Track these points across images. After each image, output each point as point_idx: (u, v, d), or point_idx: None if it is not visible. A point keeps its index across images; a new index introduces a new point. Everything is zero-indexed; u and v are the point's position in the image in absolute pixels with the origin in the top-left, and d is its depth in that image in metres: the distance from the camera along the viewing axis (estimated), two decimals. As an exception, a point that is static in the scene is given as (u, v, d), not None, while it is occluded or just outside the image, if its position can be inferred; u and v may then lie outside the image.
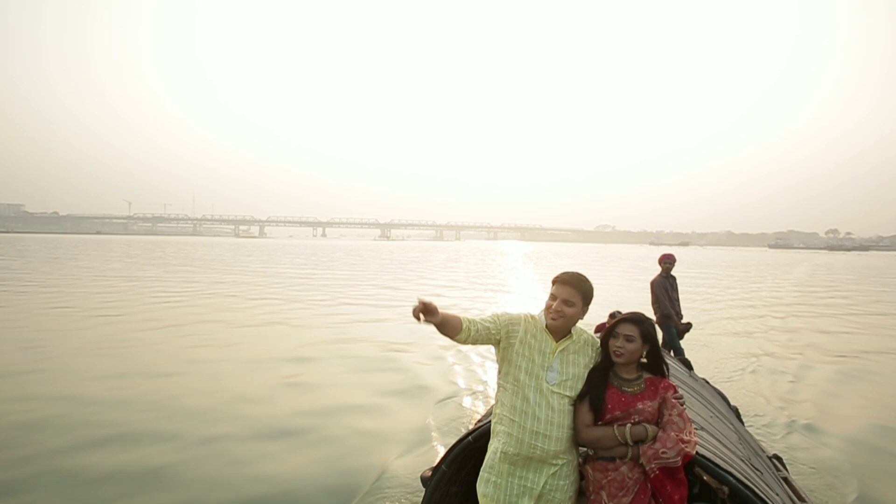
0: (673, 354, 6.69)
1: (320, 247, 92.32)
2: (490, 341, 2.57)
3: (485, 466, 2.62)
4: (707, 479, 2.85)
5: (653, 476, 2.39)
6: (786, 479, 3.93)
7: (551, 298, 2.56)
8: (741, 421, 5.35)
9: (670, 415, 2.46)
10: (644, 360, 2.62)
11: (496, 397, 2.69)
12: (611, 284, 25.63)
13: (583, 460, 2.64)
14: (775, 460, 4.38)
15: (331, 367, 9.10)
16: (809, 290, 26.46)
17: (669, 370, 2.70)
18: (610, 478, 2.47)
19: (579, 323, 2.66)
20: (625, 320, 2.59)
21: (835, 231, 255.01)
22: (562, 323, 2.55)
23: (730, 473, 2.51)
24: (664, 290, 7.33)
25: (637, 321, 2.58)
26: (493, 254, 74.57)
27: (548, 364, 2.53)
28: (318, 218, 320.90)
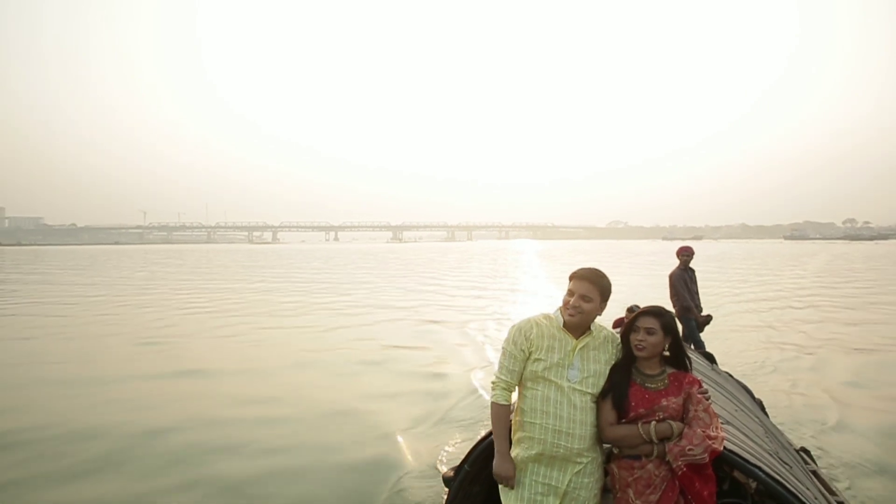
0: (693, 347, 6.60)
1: (339, 251, 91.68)
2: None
3: None
4: (736, 474, 2.80)
5: (680, 473, 2.35)
6: (815, 472, 3.86)
7: (568, 294, 2.52)
8: (766, 414, 5.27)
9: (696, 410, 2.42)
10: (666, 354, 2.57)
11: (516, 405, 2.64)
12: (626, 279, 25.45)
13: (607, 458, 2.60)
14: (803, 453, 4.31)
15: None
16: (828, 281, 26.06)
17: (692, 364, 2.65)
18: (636, 476, 2.44)
19: (598, 319, 2.61)
20: (644, 313, 2.54)
21: (852, 220, 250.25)
22: (580, 319, 2.51)
23: (759, 468, 2.47)
24: (683, 283, 7.25)
25: (657, 313, 2.54)
26: (507, 253, 74.33)
27: (568, 362, 2.50)
28: (330, 222, 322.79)
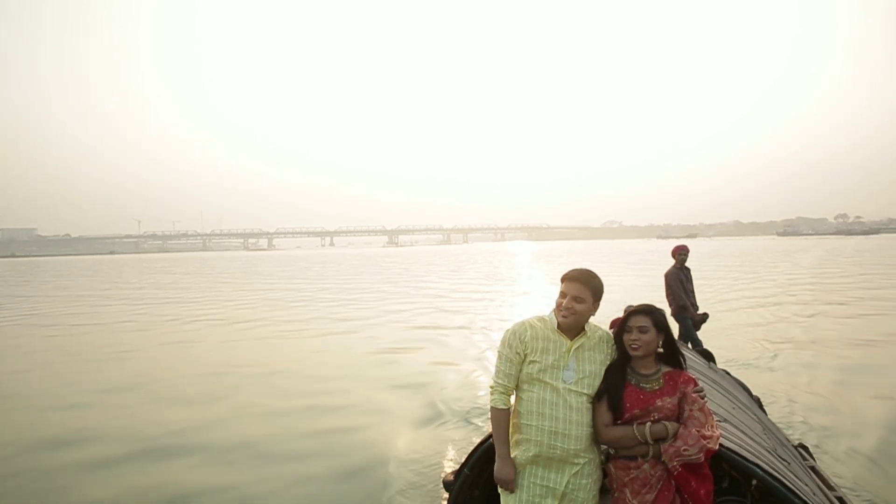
0: (690, 346, 6.62)
1: (341, 256, 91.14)
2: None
3: None
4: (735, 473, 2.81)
5: (676, 473, 2.36)
6: (813, 468, 3.87)
7: (561, 296, 2.53)
8: (764, 411, 5.29)
9: (691, 410, 2.42)
10: (660, 351, 2.58)
11: (513, 408, 2.64)
12: (621, 279, 25.51)
13: (605, 458, 2.61)
14: (801, 449, 4.32)
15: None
16: (821, 276, 26.19)
17: (687, 362, 2.66)
18: (632, 476, 2.45)
19: (593, 319, 2.62)
20: (635, 312, 2.55)
21: (844, 215, 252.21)
22: (573, 320, 2.51)
23: (757, 465, 2.48)
24: (679, 282, 7.27)
25: (647, 311, 2.55)
26: (515, 256, 74.25)
27: (563, 363, 2.50)
28: (326, 227, 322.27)
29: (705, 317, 7.41)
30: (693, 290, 7.47)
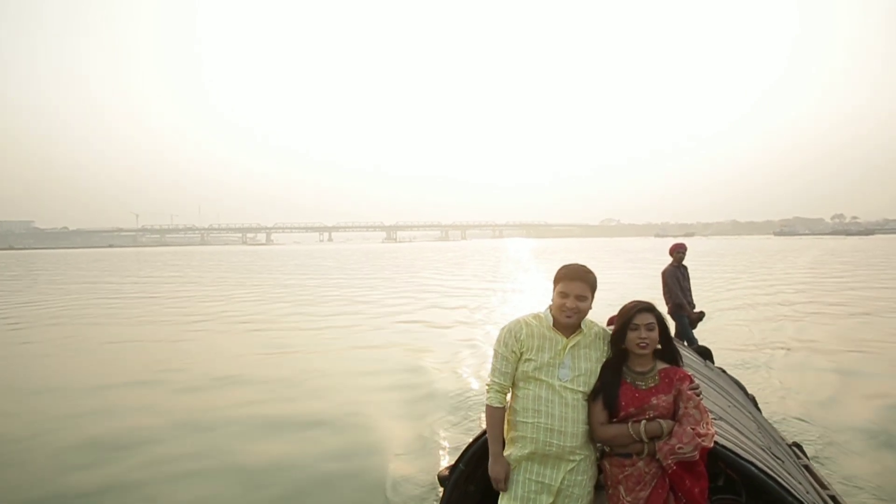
0: (687, 344, 6.64)
1: (338, 252, 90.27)
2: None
3: None
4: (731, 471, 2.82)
5: (670, 471, 2.36)
6: (807, 466, 3.89)
7: (561, 297, 2.50)
8: (759, 409, 5.31)
9: (686, 407, 2.42)
10: (658, 346, 2.57)
11: (509, 406, 2.64)
12: (620, 277, 25.54)
13: (600, 455, 2.61)
14: (795, 448, 4.34)
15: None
16: (816, 277, 26.23)
17: (683, 361, 2.66)
18: (627, 473, 2.45)
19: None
20: (642, 310, 2.52)
21: (840, 216, 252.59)
22: (576, 319, 2.51)
23: (751, 463, 2.49)
24: (676, 280, 7.29)
25: (652, 308, 2.55)
26: (502, 251, 74.25)
27: (559, 361, 2.50)
28: (324, 223, 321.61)
29: (702, 315, 7.44)
30: (690, 289, 7.50)
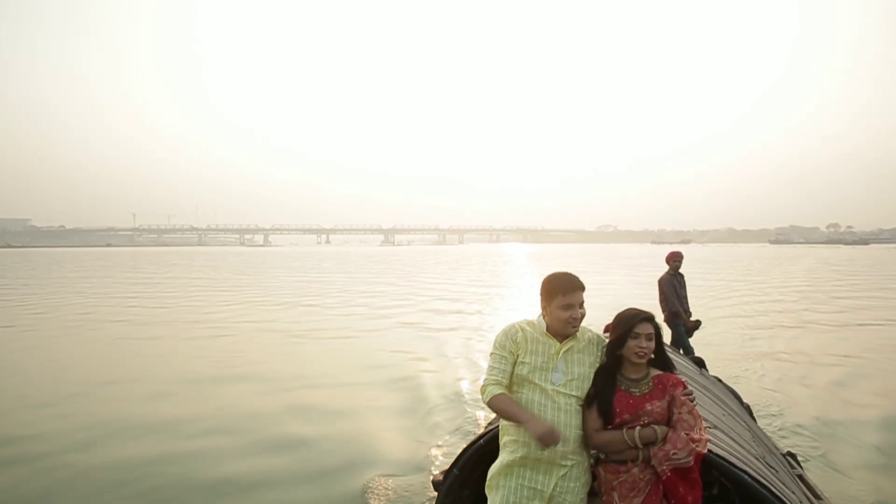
0: (682, 353, 6.64)
1: (340, 255, 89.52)
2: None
3: (492, 475, 2.59)
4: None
5: (664, 478, 2.36)
6: (801, 476, 3.89)
7: (566, 309, 2.49)
8: (754, 418, 5.31)
9: (680, 413, 2.43)
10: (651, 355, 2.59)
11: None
12: (617, 286, 25.57)
13: (595, 462, 2.61)
14: (789, 458, 4.34)
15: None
16: (813, 286, 26.31)
17: (679, 368, 2.67)
18: (621, 479, 2.45)
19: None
20: (643, 319, 2.53)
21: (836, 225, 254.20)
22: (578, 328, 2.55)
23: (745, 472, 2.49)
24: (672, 288, 7.30)
25: (652, 318, 2.56)
26: (509, 257, 74.06)
27: (552, 365, 2.51)
28: (322, 225, 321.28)
29: (698, 324, 7.45)
30: (686, 297, 7.51)
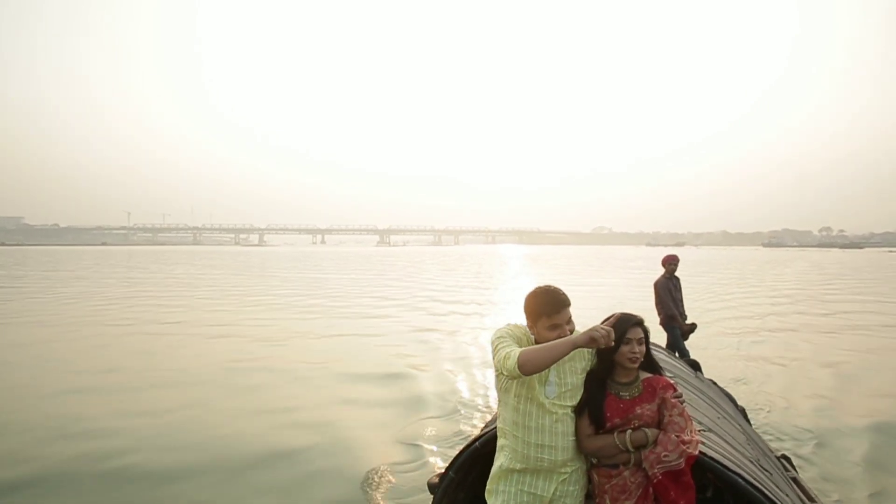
0: (678, 356, 6.66)
1: (338, 255, 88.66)
2: None
3: (491, 479, 2.58)
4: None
5: (655, 481, 2.37)
6: (795, 479, 3.90)
7: (553, 329, 2.44)
8: (748, 421, 5.33)
9: (671, 415, 2.44)
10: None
11: (497, 412, 2.64)
12: (613, 289, 25.61)
13: (589, 465, 2.62)
14: (784, 461, 4.35)
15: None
16: (808, 289, 26.43)
17: (671, 372, 2.67)
18: (613, 483, 2.46)
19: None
20: (635, 324, 2.53)
21: (828, 229, 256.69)
22: None
23: (738, 475, 2.50)
24: (668, 291, 7.32)
25: (642, 322, 2.57)
26: (500, 258, 74.12)
27: (544, 378, 2.48)
28: (317, 225, 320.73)
29: (693, 327, 7.47)
30: (682, 300, 7.53)
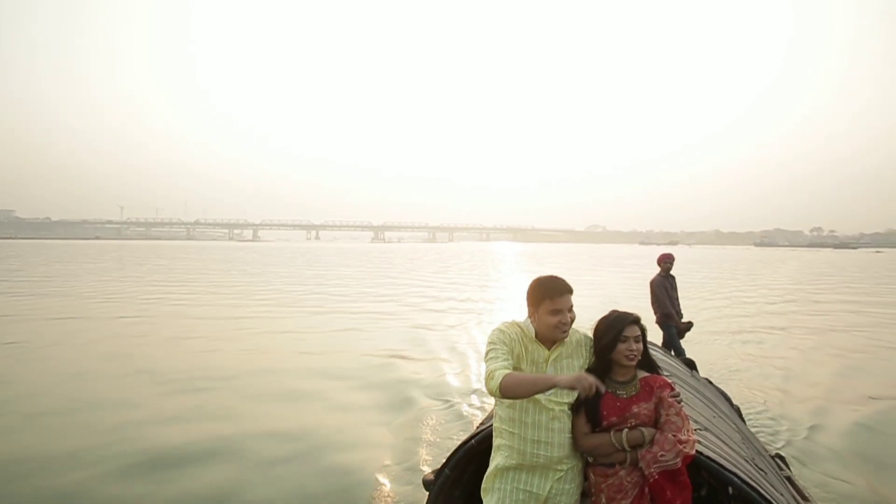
0: (674, 354, 6.67)
1: (335, 251, 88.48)
2: None
3: (487, 477, 2.57)
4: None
5: (651, 481, 2.36)
6: (789, 478, 3.91)
7: (554, 314, 2.43)
8: (743, 420, 5.34)
9: (667, 414, 2.43)
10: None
11: (493, 410, 2.62)
12: (609, 286, 25.67)
13: (585, 463, 2.60)
14: (778, 460, 4.37)
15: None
16: (801, 287, 26.58)
17: (670, 370, 2.67)
18: (609, 482, 2.45)
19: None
20: (631, 322, 2.52)
21: (819, 229, 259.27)
22: (568, 332, 2.50)
23: (734, 474, 2.50)
24: (664, 290, 7.33)
25: (639, 320, 2.55)
26: (494, 255, 74.26)
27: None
28: (312, 221, 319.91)
29: (690, 325, 7.49)
30: (678, 299, 7.55)
